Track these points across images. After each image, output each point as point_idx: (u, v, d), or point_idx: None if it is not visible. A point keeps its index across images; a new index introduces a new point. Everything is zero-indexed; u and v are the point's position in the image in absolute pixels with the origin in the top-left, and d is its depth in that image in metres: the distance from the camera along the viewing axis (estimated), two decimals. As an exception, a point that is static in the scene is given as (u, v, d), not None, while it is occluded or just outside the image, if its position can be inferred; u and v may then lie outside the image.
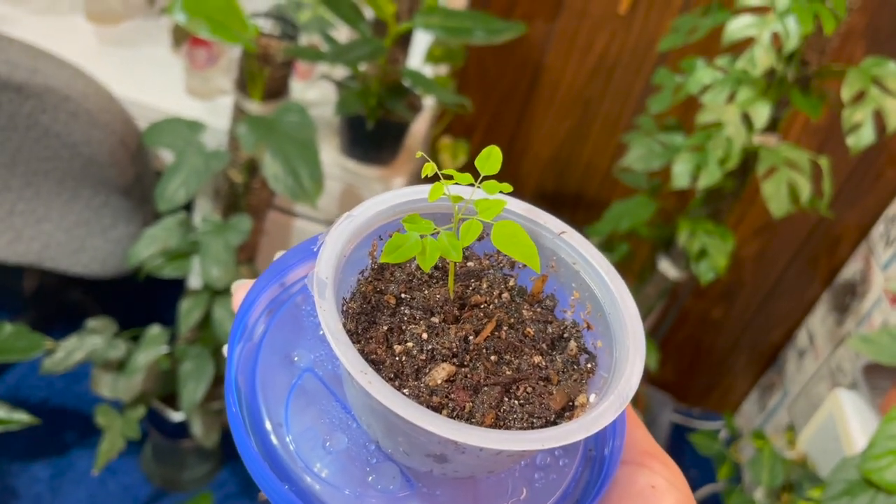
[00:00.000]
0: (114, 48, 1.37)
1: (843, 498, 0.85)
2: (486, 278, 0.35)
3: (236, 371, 0.31)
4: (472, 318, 0.32)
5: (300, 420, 0.31)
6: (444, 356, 0.30)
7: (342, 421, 0.32)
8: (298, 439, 0.31)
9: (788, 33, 1.05)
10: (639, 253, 1.55)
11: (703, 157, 1.16)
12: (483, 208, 0.31)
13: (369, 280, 0.33)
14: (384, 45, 1.09)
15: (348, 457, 0.31)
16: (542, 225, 0.34)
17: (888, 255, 1.51)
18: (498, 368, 0.31)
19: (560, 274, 0.35)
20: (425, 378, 0.29)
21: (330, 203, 1.30)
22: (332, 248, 0.30)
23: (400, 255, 0.30)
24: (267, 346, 0.33)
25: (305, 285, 0.35)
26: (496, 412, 0.29)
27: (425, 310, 0.32)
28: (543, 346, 0.32)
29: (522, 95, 1.65)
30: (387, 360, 0.30)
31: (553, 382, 0.31)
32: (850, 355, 1.51)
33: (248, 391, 0.31)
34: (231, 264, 1.10)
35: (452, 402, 0.29)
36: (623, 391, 0.29)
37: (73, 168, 1.17)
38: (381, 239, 0.34)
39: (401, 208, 0.34)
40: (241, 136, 1.02)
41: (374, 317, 0.31)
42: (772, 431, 1.73)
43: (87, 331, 1.23)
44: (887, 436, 0.82)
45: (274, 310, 0.34)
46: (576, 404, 0.30)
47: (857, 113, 1.09)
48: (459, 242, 0.30)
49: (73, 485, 1.47)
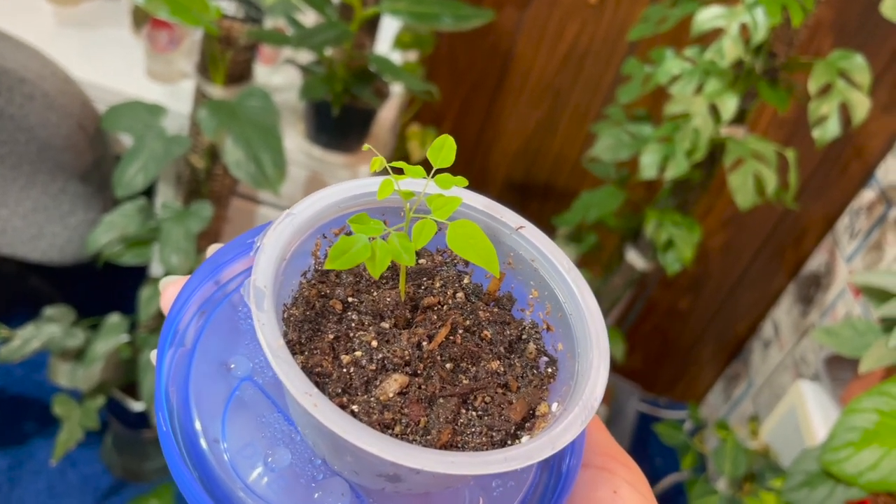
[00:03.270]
0: (73, 29, 1.34)
1: (802, 489, 0.86)
2: (440, 276, 0.32)
3: (167, 382, 0.28)
4: (426, 322, 0.30)
5: (239, 434, 0.29)
6: (396, 365, 0.28)
7: (285, 434, 0.29)
8: (237, 456, 0.28)
9: (757, 25, 1.05)
10: (607, 243, 1.55)
11: (670, 149, 1.16)
12: (437, 206, 0.29)
13: (313, 283, 0.30)
14: (350, 30, 1.07)
15: (292, 473, 0.28)
16: (500, 220, 0.32)
17: (852, 247, 1.53)
18: (454, 377, 0.29)
19: (518, 271, 0.33)
20: (376, 391, 0.27)
21: (295, 190, 1.28)
22: (270, 251, 0.28)
23: (346, 261, 0.27)
24: (200, 353, 0.30)
25: (241, 284, 0.32)
26: (453, 426, 0.27)
27: (374, 314, 0.30)
28: (501, 349, 0.30)
29: (492, 84, 1.63)
30: (333, 373, 0.27)
31: (512, 389, 0.29)
32: (814, 346, 1.53)
33: (180, 404, 0.28)
34: (191, 252, 1.08)
35: (406, 418, 0.27)
36: (588, 402, 0.27)
37: (28, 152, 1.13)
38: (324, 238, 0.31)
39: (346, 203, 0.31)
40: (202, 120, 0.99)
41: (318, 324, 0.29)
42: (737, 421, 1.75)
43: (44, 319, 1.20)
44: (847, 428, 0.82)
45: (207, 311, 0.31)
46: (536, 414, 0.29)
47: (824, 106, 1.09)
48: (412, 245, 0.28)
49: (31, 475, 1.44)
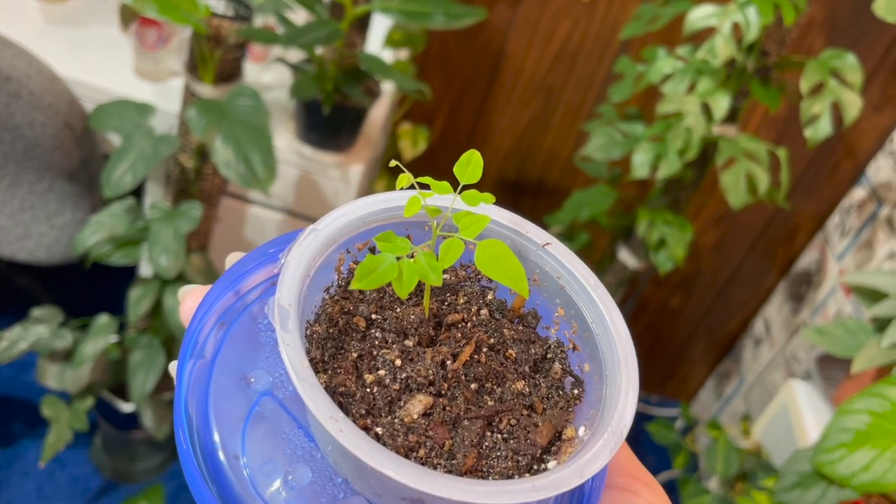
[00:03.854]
0: (60, 27, 1.32)
1: (795, 490, 0.86)
2: (464, 291, 0.32)
3: (187, 395, 0.28)
4: (450, 340, 0.29)
5: (259, 451, 0.28)
6: (420, 385, 0.28)
7: (305, 451, 0.28)
8: (257, 473, 0.27)
9: (749, 24, 1.05)
10: (599, 242, 1.55)
11: (662, 148, 1.16)
12: (465, 225, 0.28)
13: (336, 299, 0.30)
14: (341, 29, 1.06)
15: (313, 492, 0.28)
16: (525, 236, 0.32)
17: (843, 245, 1.53)
18: (479, 398, 0.28)
19: (543, 288, 0.32)
20: (400, 412, 0.27)
21: (285, 189, 1.27)
22: (294, 269, 0.27)
23: (373, 281, 0.27)
24: (220, 366, 0.29)
25: (262, 294, 0.31)
26: (478, 450, 0.27)
27: (398, 332, 0.29)
28: (526, 368, 0.30)
29: (484, 82, 1.63)
30: (357, 393, 0.27)
31: (538, 411, 0.29)
32: (805, 344, 1.53)
33: (199, 419, 0.28)
34: (181, 252, 1.07)
35: (430, 441, 0.26)
36: (617, 429, 0.26)
37: (15, 151, 1.12)
38: (348, 252, 0.31)
39: (370, 218, 0.31)
40: (191, 119, 0.98)
41: (341, 342, 0.29)
42: (728, 419, 1.75)
43: (31, 320, 1.19)
44: (839, 429, 0.82)
45: (227, 322, 0.30)
46: (563, 438, 0.28)
47: (815, 105, 1.09)
48: (439, 264, 0.27)
49: (20, 476, 1.43)
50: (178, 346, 1.22)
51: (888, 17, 0.98)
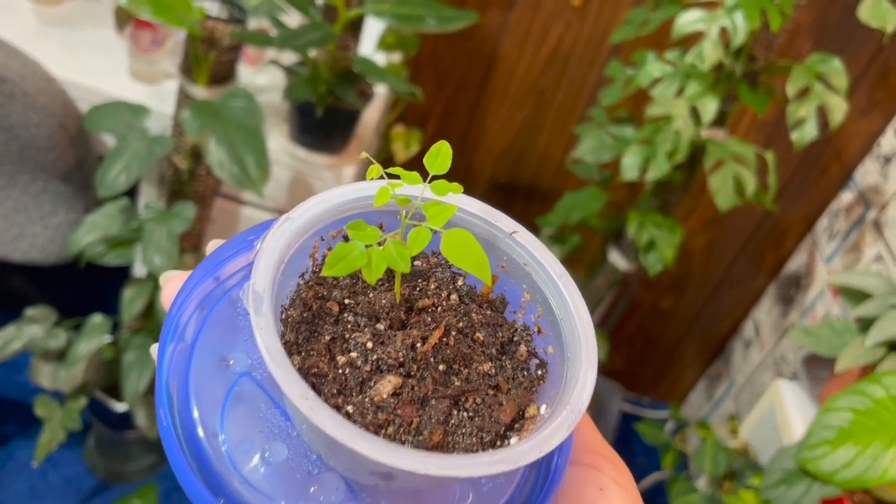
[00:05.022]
0: (55, 28, 1.33)
1: (780, 486, 0.87)
2: (434, 277, 0.33)
3: (168, 376, 0.29)
4: (420, 324, 0.31)
5: (237, 429, 0.29)
6: (390, 366, 0.29)
7: (282, 429, 0.30)
8: (235, 450, 0.29)
9: (736, 28, 1.06)
10: (590, 244, 1.56)
11: (651, 150, 1.17)
12: (433, 214, 0.30)
13: (310, 285, 0.31)
14: (334, 31, 1.07)
15: (288, 468, 0.29)
16: (494, 224, 0.33)
17: (831, 248, 1.55)
18: (446, 379, 0.29)
19: (511, 274, 0.33)
20: (370, 392, 0.28)
21: (278, 191, 1.28)
22: (269, 255, 0.29)
23: (343, 268, 0.28)
24: (200, 348, 0.31)
25: (241, 280, 0.32)
26: (444, 427, 0.28)
27: (370, 316, 0.30)
28: (493, 350, 0.31)
29: (477, 85, 1.64)
30: (329, 374, 0.28)
31: (503, 391, 0.30)
32: (794, 346, 1.55)
33: (180, 399, 0.29)
34: (174, 252, 1.08)
35: (399, 419, 0.28)
36: (575, 406, 0.28)
37: (9, 152, 1.13)
38: (322, 240, 0.32)
39: (344, 207, 0.32)
40: (186, 121, 0.99)
41: (315, 325, 0.30)
42: (718, 421, 1.76)
43: (25, 319, 1.19)
44: (823, 426, 0.84)
45: (207, 307, 0.32)
46: (526, 416, 0.29)
47: (802, 108, 1.11)
48: (407, 251, 0.29)
49: (13, 476, 1.43)
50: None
51: (872, 22, 1.00)
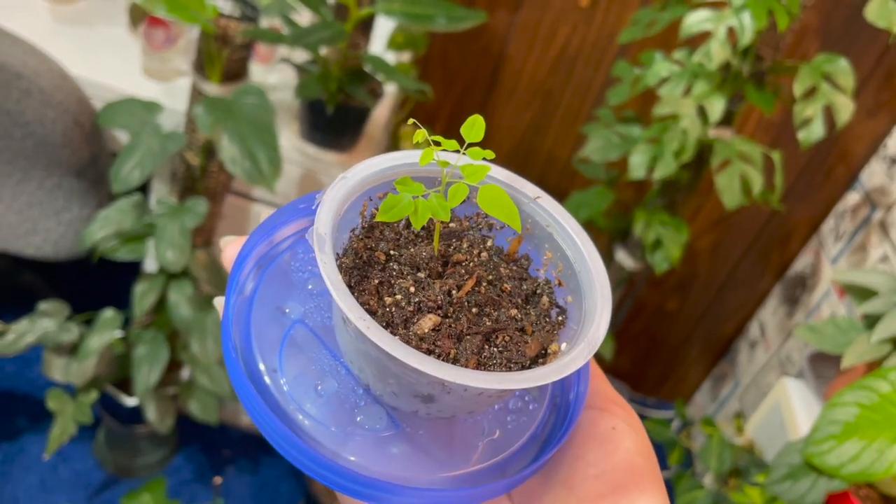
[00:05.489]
0: (69, 26, 1.35)
1: (786, 481, 0.88)
2: (467, 238, 0.37)
3: (232, 324, 0.33)
4: (455, 275, 0.34)
5: (293, 366, 0.33)
6: (430, 308, 0.32)
7: (332, 368, 0.34)
8: (292, 383, 0.33)
9: (743, 28, 1.07)
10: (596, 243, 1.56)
11: (659, 149, 1.18)
12: (469, 173, 0.33)
13: (360, 238, 0.35)
14: (345, 30, 1.08)
15: (338, 399, 0.33)
16: (520, 190, 0.37)
17: (837, 249, 1.55)
18: (479, 320, 0.33)
19: (534, 236, 0.37)
20: (413, 327, 0.31)
21: (289, 187, 1.29)
22: (328, 206, 0.32)
23: (395, 214, 0.32)
24: (259, 300, 0.35)
25: (293, 243, 0.37)
26: (478, 358, 0.32)
27: (412, 266, 0.34)
28: (519, 300, 0.35)
29: (484, 85, 1.65)
30: (378, 311, 0.32)
31: (528, 333, 0.33)
32: (799, 346, 1.55)
33: (243, 340, 0.33)
34: (186, 248, 1.09)
35: (439, 349, 0.31)
36: (592, 339, 0.31)
37: (25, 148, 1.14)
38: (370, 200, 0.36)
39: (389, 171, 0.36)
40: (198, 117, 1.01)
41: (365, 271, 0.33)
42: (723, 421, 1.77)
43: (38, 314, 1.21)
44: (829, 421, 0.84)
45: (263, 265, 0.36)
46: (548, 352, 0.33)
47: (808, 108, 1.11)
48: (448, 204, 0.33)
49: (23, 470, 1.44)
50: (181, 341, 1.24)
51: (879, 23, 1.00)
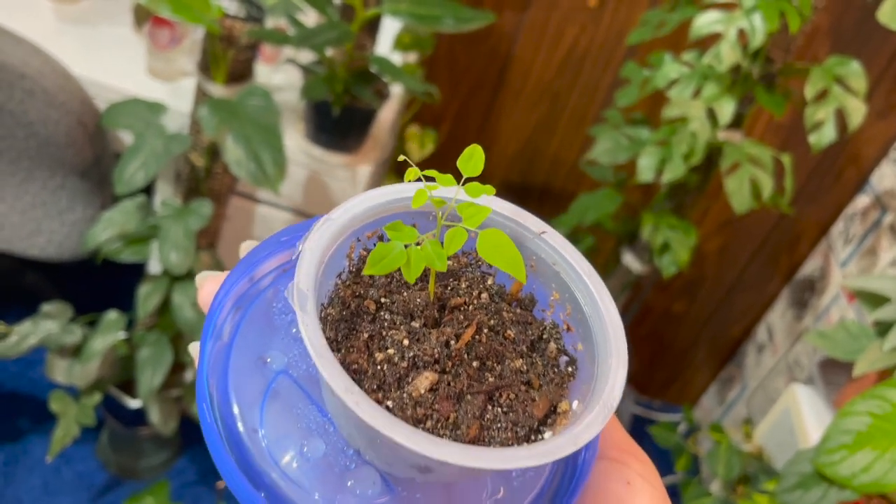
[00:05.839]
0: (73, 26, 1.34)
1: (796, 491, 0.86)
2: (465, 277, 0.34)
3: (208, 374, 0.30)
4: (453, 322, 0.31)
5: (276, 425, 0.30)
6: (426, 363, 0.29)
7: (319, 425, 0.31)
8: (274, 445, 0.30)
9: (754, 30, 1.06)
10: (603, 246, 1.56)
11: (667, 152, 1.17)
12: (468, 215, 0.30)
13: (347, 284, 0.32)
14: (351, 31, 1.07)
15: (326, 463, 0.30)
16: (523, 224, 0.34)
17: (847, 252, 1.54)
18: (480, 375, 0.30)
19: (539, 273, 0.34)
20: (408, 388, 0.29)
21: (294, 189, 1.28)
22: (310, 256, 0.29)
23: (384, 267, 0.29)
24: (238, 346, 0.31)
25: (275, 279, 0.33)
26: (480, 422, 0.29)
27: (405, 314, 0.31)
28: (524, 347, 0.32)
29: (491, 86, 1.64)
30: (369, 370, 0.29)
31: (535, 387, 0.31)
32: (808, 350, 1.54)
33: (220, 396, 0.30)
34: (191, 250, 1.08)
35: (437, 413, 0.28)
36: (607, 402, 0.28)
37: (28, 148, 1.13)
38: (358, 241, 0.33)
39: (379, 208, 0.33)
40: (203, 118, 1.00)
41: (353, 323, 0.30)
42: (730, 424, 1.75)
43: (41, 315, 1.20)
44: (841, 430, 0.83)
45: (243, 307, 0.32)
46: (558, 411, 0.30)
47: (820, 111, 1.10)
48: (444, 251, 0.29)
49: (26, 472, 1.44)
50: (185, 344, 1.23)
51: (892, 25, 0.99)
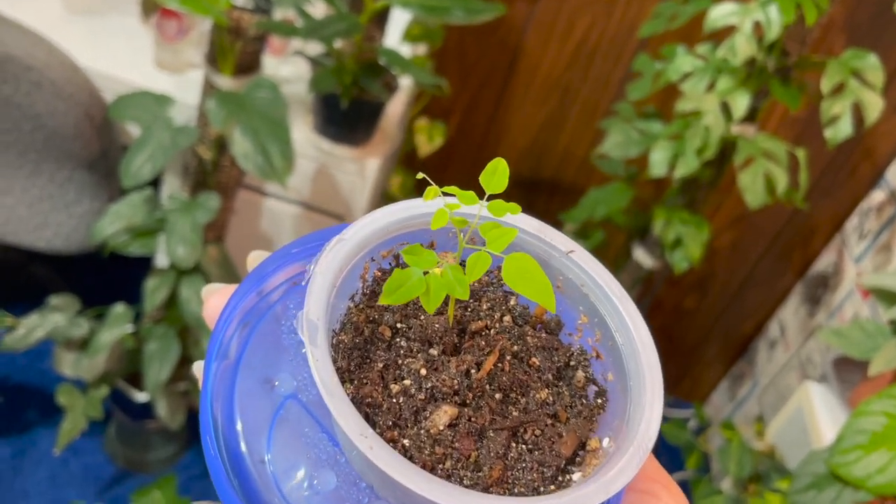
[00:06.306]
0: (80, 17, 1.33)
1: (809, 491, 0.85)
2: (486, 297, 0.32)
3: (212, 396, 0.28)
4: (474, 348, 0.29)
5: (284, 454, 0.28)
6: (445, 395, 0.28)
7: (330, 455, 0.29)
8: (282, 477, 0.28)
9: (770, 22, 1.04)
10: (614, 241, 1.54)
11: (680, 146, 1.15)
12: (492, 238, 0.28)
13: (361, 308, 0.30)
14: (360, 22, 1.06)
15: (338, 497, 0.28)
16: (550, 243, 0.32)
17: (861, 248, 1.52)
18: (503, 408, 0.28)
19: (567, 295, 0.32)
20: (426, 423, 0.27)
21: (302, 182, 1.27)
22: (321, 280, 0.28)
23: (402, 296, 0.27)
24: (245, 367, 0.29)
25: (284, 294, 0.31)
26: (503, 462, 0.27)
27: (423, 340, 0.29)
28: (549, 376, 0.30)
29: (501, 79, 1.62)
30: (384, 404, 0.27)
31: (562, 420, 0.29)
32: (821, 347, 1.52)
33: (225, 421, 0.28)
34: (198, 243, 1.07)
35: (456, 453, 0.26)
36: (642, 443, 0.26)
37: (35, 141, 1.13)
38: (372, 260, 0.31)
39: (394, 226, 0.31)
40: (210, 111, 0.99)
41: (367, 351, 0.29)
42: (741, 421, 1.74)
43: (49, 308, 1.20)
44: (855, 430, 0.82)
45: (251, 323, 0.30)
46: (587, 448, 0.28)
47: (836, 105, 1.08)
48: (466, 278, 0.27)
49: (34, 464, 1.44)
50: (192, 337, 1.23)
51: (912, 17, 0.97)
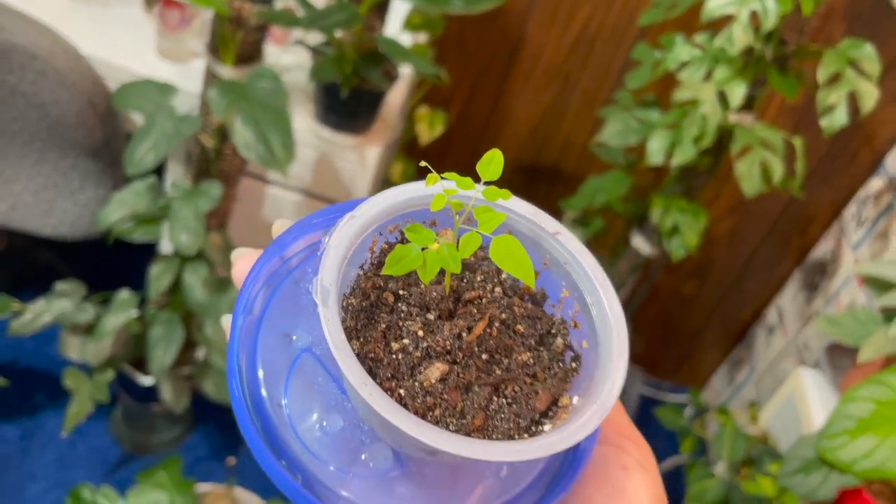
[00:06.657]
0: (84, 6, 1.34)
1: (798, 475, 0.87)
2: (481, 270, 0.36)
3: (238, 348, 0.32)
4: (466, 315, 0.33)
5: (298, 399, 0.33)
6: (438, 353, 0.31)
7: (338, 402, 0.33)
8: (297, 418, 0.32)
9: (767, 12, 1.05)
10: (613, 228, 1.56)
11: (678, 135, 1.16)
12: (483, 220, 0.32)
13: (369, 276, 0.34)
14: (360, 12, 1.07)
15: (343, 437, 0.33)
16: (539, 225, 0.36)
17: (859, 235, 1.53)
18: (489, 367, 0.32)
19: (552, 271, 0.36)
20: (420, 377, 0.31)
21: (303, 170, 1.29)
22: (335, 252, 0.32)
23: (401, 268, 0.31)
24: (267, 322, 0.34)
25: (303, 260, 0.36)
26: (485, 412, 0.31)
27: (422, 306, 0.33)
28: (532, 341, 0.34)
29: (502, 67, 1.63)
30: (384, 359, 0.31)
31: (539, 379, 0.32)
32: (817, 334, 1.54)
33: (248, 369, 0.33)
34: (200, 230, 1.09)
35: (445, 403, 0.30)
36: (605, 401, 0.30)
37: (40, 129, 1.14)
38: (381, 235, 0.35)
39: (400, 206, 0.35)
40: (212, 100, 1.00)
41: (372, 313, 0.33)
42: (739, 406, 1.76)
43: (55, 293, 1.22)
44: (843, 416, 0.83)
45: (273, 284, 0.35)
46: (559, 404, 0.32)
47: (832, 95, 1.09)
48: (459, 254, 0.31)
49: (41, 447, 1.47)
50: (196, 322, 1.25)
51: (907, 8, 0.98)
